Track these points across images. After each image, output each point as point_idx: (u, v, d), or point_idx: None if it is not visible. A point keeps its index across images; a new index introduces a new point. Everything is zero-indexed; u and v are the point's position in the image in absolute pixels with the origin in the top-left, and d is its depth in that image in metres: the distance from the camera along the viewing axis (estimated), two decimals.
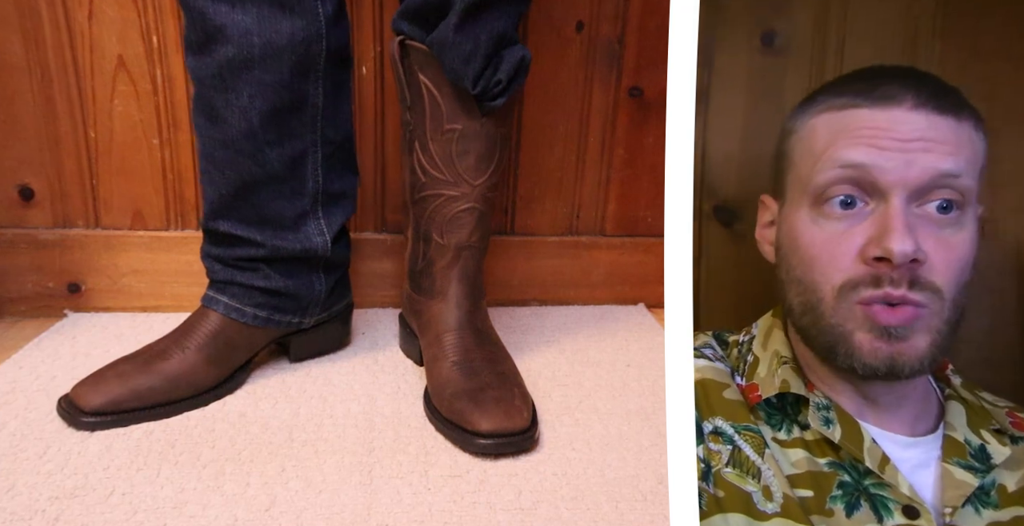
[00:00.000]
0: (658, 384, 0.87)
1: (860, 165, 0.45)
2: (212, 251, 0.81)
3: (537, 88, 1.02)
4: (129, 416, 0.71)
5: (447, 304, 0.82)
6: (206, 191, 0.79)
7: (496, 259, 1.09)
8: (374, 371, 0.87)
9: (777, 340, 0.51)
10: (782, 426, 0.48)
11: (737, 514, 0.44)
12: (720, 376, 0.49)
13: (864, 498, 0.46)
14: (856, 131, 0.45)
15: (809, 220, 0.47)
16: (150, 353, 0.76)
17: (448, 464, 0.69)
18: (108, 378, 0.73)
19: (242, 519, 0.59)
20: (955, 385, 0.52)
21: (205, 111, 0.74)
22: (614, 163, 1.08)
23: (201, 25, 0.69)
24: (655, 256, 1.13)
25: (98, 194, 0.97)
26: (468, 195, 0.80)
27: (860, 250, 0.45)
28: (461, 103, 0.76)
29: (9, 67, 0.90)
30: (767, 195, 0.52)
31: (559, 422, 0.78)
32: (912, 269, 0.44)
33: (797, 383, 0.48)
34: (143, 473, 0.65)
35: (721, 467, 0.46)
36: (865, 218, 0.45)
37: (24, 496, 0.61)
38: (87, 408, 0.70)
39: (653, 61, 1.03)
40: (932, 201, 0.45)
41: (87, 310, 0.99)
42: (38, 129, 0.93)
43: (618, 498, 0.65)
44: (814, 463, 0.46)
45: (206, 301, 0.81)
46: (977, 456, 0.48)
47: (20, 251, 0.96)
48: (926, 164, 0.44)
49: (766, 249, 0.52)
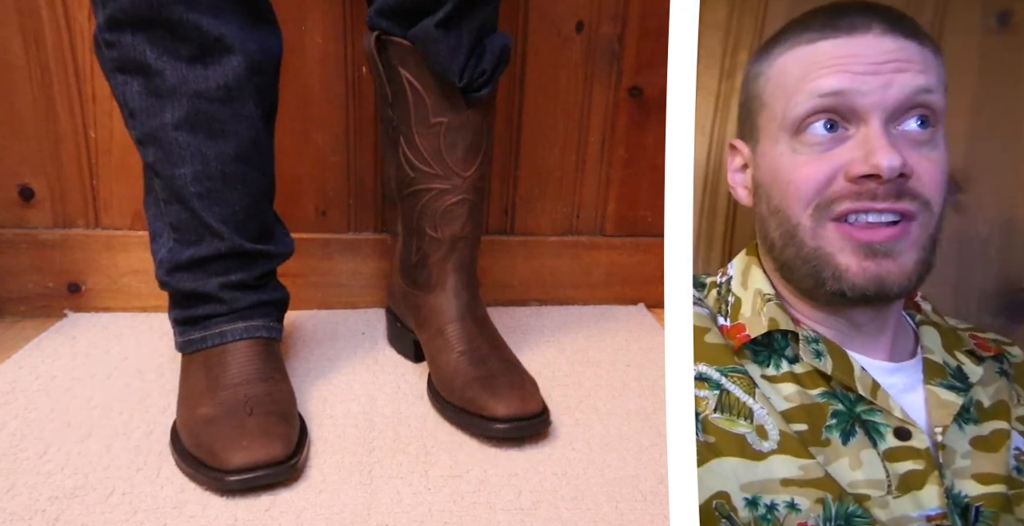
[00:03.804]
0: (658, 384, 0.87)
1: (838, 92, 0.45)
2: (233, 279, 0.75)
3: (537, 88, 1.02)
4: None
5: (446, 296, 0.83)
6: (206, 219, 0.72)
7: (496, 259, 1.09)
8: (374, 371, 0.87)
9: (757, 278, 0.51)
10: (770, 362, 0.48)
11: (732, 457, 0.44)
12: (700, 321, 0.49)
13: (858, 425, 0.46)
14: (829, 61, 0.46)
15: (789, 150, 0.47)
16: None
17: (448, 464, 0.69)
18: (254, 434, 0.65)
19: (242, 519, 0.59)
20: (926, 311, 0.53)
21: (203, 127, 0.70)
22: (614, 163, 1.08)
23: (197, 38, 0.66)
24: (655, 256, 1.13)
25: (98, 194, 0.97)
26: (459, 187, 0.80)
27: (843, 170, 0.45)
28: (445, 96, 0.76)
29: (9, 67, 0.90)
30: (736, 139, 0.52)
31: (559, 422, 0.77)
32: (899, 183, 0.45)
33: (785, 319, 0.48)
34: (143, 473, 0.65)
35: (709, 413, 0.46)
36: (845, 142, 0.46)
37: (24, 496, 0.61)
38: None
39: (653, 61, 1.03)
40: (908, 119, 0.46)
41: (87, 310, 0.99)
42: (38, 129, 0.93)
43: (618, 498, 0.65)
44: (806, 395, 0.47)
45: (240, 333, 0.74)
46: (956, 376, 0.49)
47: (20, 251, 0.96)
48: (902, 83, 0.45)
49: (740, 193, 0.52)
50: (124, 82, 0.68)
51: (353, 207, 1.03)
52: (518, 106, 1.03)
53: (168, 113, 0.68)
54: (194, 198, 0.71)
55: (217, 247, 0.73)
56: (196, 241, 0.73)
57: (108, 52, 0.67)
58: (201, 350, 0.74)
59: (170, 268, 0.74)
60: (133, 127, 0.71)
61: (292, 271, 0.99)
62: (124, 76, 0.68)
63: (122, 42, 0.66)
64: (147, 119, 0.69)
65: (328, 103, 0.98)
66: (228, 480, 0.61)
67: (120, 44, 0.66)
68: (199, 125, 0.69)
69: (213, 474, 0.62)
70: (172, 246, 0.74)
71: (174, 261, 0.74)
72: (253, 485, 0.62)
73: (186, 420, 0.68)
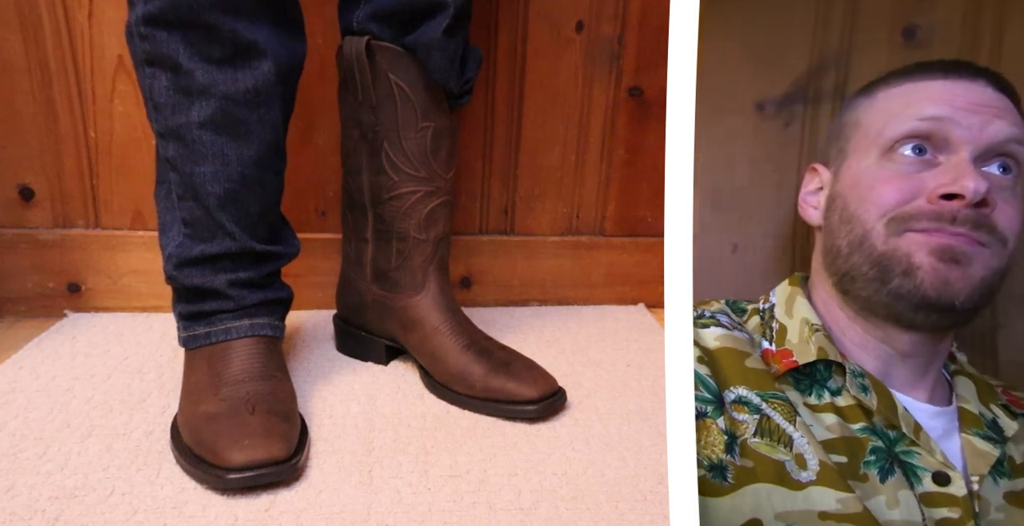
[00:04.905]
0: (658, 384, 0.87)
1: (939, 118, 0.47)
2: (241, 277, 0.75)
3: (537, 88, 1.02)
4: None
5: (433, 295, 0.84)
6: (220, 219, 0.72)
7: (496, 259, 1.09)
8: (374, 371, 0.87)
9: (803, 308, 0.51)
10: (812, 391, 0.48)
11: (770, 484, 0.44)
12: (740, 345, 0.49)
13: (896, 464, 0.46)
14: (935, 94, 0.48)
15: (876, 165, 0.48)
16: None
17: (448, 464, 0.69)
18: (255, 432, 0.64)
19: (242, 519, 0.59)
20: (961, 362, 0.53)
21: (228, 129, 0.70)
22: (614, 163, 1.08)
23: (231, 41, 0.67)
24: (655, 256, 1.13)
25: (98, 194, 0.97)
26: (442, 189, 0.83)
27: (927, 190, 0.46)
28: (432, 100, 0.78)
29: (9, 67, 0.90)
30: (818, 163, 0.53)
31: (559, 422, 0.77)
32: (979, 213, 0.45)
33: (832, 350, 0.48)
34: (143, 473, 0.65)
35: (748, 437, 0.45)
36: (933, 168, 0.47)
37: (24, 496, 0.61)
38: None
39: (653, 61, 1.03)
40: (993, 163, 0.47)
41: (87, 310, 0.99)
42: (38, 129, 0.93)
43: (618, 498, 0.65)
44: (846, 428, 0.46)
45: (245, 331, 0.75)
46: (992, 428, 0.49)
47: (20, 251, 0.96)
48: (998, 127, 0.47)
49: (809, 213, 0.53)
50: (152, 75, 0.68)
51: None
52: (518, 106, 1.03)
53: (195, 111, 0.69)
54: (211, 197, 0.71)
55: (228, 246, 0.74)
56: (208, 238, 0.73)
57: (140, 44, 0.67)
58: (205, 346, 0.74)
59: (179, 263, 0.74)
60: (156, 120, 0.71)
61: (293, 271, 0.99)
62: (153, 69, 0.68)
63: (156, 37, 0.66)
64: (172, 115, 0.69)
65: (328, 104, 0.98)
66: (229, 478, 0.61)
67: (154, 39, 0.66)
68: (224, 126, 0.70)
69: (214, 472, 0.62)
70: (182, 241, 0.74)
71: (184, 256, 0.74)
72: (254, 484, 0.62)
73: (188, 416, 0.68)
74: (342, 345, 0.93)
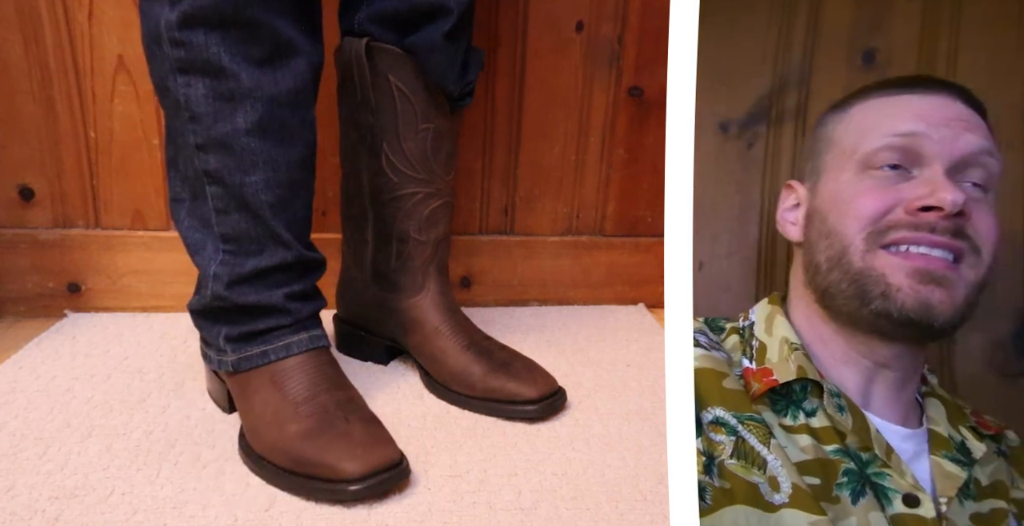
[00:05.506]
0: (658, 384, 0.87)
1: (912, 134, 0.47)
2: (296, 289, 0.71)
3: (537, 88, 1.02)
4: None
5: (433, 296, 0.84)
6: (275, 228, 0.69)
7: (496, 259, 1.09)
8: (374, 371, 0.87)
9: (782, 327, 0.51)
10: (787, 412, 0.48)
11: (746, 506, 0.44)
12: (718, 365, 0.49)
13: (868, 486, 0.46)
14: (908, 109, 0.49)
15: (855, 179, 0.49)
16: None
17: (448, 464, 0.69)
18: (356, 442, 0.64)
19: (242, 519, 0.59)
20: (932, 384, 0.54)
21: (275, 133, 0.66)
22: (614, 163, 1.08)
23: (271, 39, 0.64)
24: (655, 256, 1.13)
25: (98, 194, 0.97)
26: (442, 191, 0.83)
27: (905, 201, 0.47)
28: (433, 102, 0.78)
29: (9, 67, 0.90)
30: (793, 180, 0.54)
31: (559, 422, 0.78)
32: (957, 222, 0.46)
33: (812, 369, 0.49)
34: (143, 473, 0.65)
35: (725, 458, 0.45)
36: (909, 180, 0.48)
37: (24, 496, 0.61)
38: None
39: (653, 61, 1.03)
40: (966, 178, 0.48)
41: (87, 310, 0.99)
42: (38, 129, 0.93)
43: (618, 498, 0.65)
44: (820, 450, 0.47)
45: (305, 344, 0.71)
46: (960, 450, 0.49)
47: (20, 251, 0.96)
48: (969, 140, 0.47)
49: (789, 229, 0.53)
50: (187, 84, 0.64)
51: None
52: (518, 106, 1.03)
53: (240, 117, 0.65)
54: (266, 207, 0.67)
55: (283, 256, 0.70)
56: (257, 251, 0.69)
57: (173, 51, 0.63)
58: (262, 366, 0.69)
59: (231, 281, 0.68)
60: (194, 132, 0.65)
61: None
62: (187, 77, 0.63)
63: (193, 42, 0.62)
64: (214, 124, 0.65)
65: (327, 103, 0.97)
66: (352, 490, 0.60)
67: (190, 44, 0.62)
68: (271, 130, 0.66)
69: (333, 487, 0.61)
70: (224, 258, 0.69)
71: (235, 274, 0.68)
72: (377, 491, 0.61)
73: (276, 440, 0.64)
74: (342, 345, 0.93)
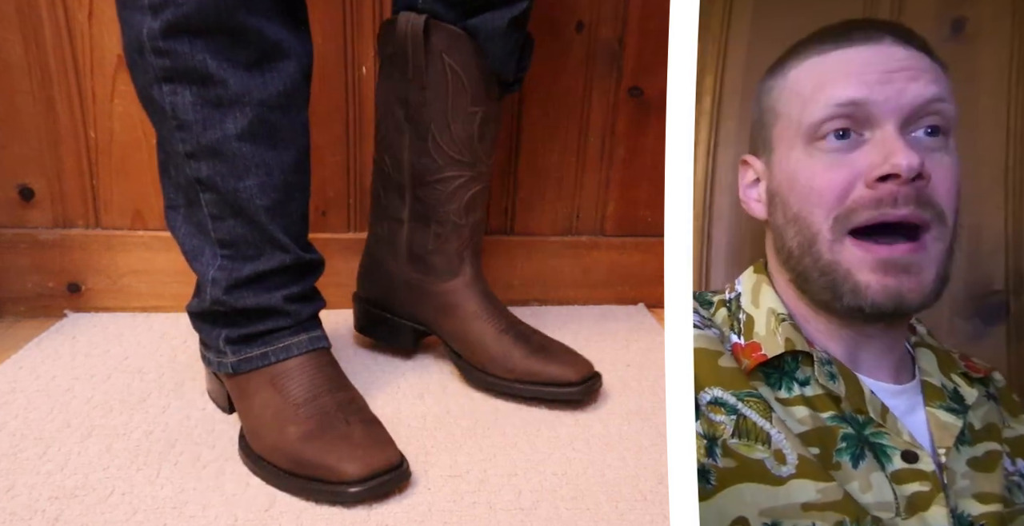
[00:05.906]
0: (658, 384, 0.87)
1: (854, 102, 0.46)
2: (295, 291, 0.72)
3: (537, 88, 1.02)
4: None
5: (470, 281, 0.84)
6: (272, 232, 0.69)
7: (496, 259, 1.09)
8: (374, 371, 0.87)
9: (769, 297, 0.51)
10: (781, 385, 0.48)
11: (751, 483, 0.44)
12: (711, 344, 0.49)
13: (867, 448, 0.46)
14: (843, 69, 0.47)
15: (805, 156, 0.48)
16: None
17: (448, 464, 0.69)
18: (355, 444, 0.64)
19: (242, 519, 0.59)
20: (921, 334, 0.53)
21: (266, 137, 0.66)
22: (614, 163, 1.08)
23: (257, 43, 0.64)
24: (655, 256, 1.13)
25: (98, 194, 0.97)
26: (483, 175, 0.82)
27: (863, 175, 0.46)
28: (485, 86, 0.77)
29: (9, 67, 0.90)
30: (748, 155, 0.53)
31: (559, 422, 0.78)
32: (918, 187, 0.45)
33: (800, 340, 0.48)
34: (143, 473, 0.65)
35: (727, 438, 0.45)
36: (861, 146, 0.46)
37: (24, 496, 0.61)
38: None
39: (653, 61, 1.03)
40: (920, 127, 0.46)
41: (87, 310, 0.99)
42: (38, 129, 0.93)
43: (618, 498, 0.65)
44: (817, 418, 0.46)
45: (305, 346, 0.71)
46: (954, 398, 0.49)
47: (20, 251, 0.96)
48: (915, 91, 0.46)
49: (753, 207, 0.52)
50: (173, 92, 0.63)
51: (353, 207, 1.03)
52: (518, 106, 1.03)
53: (230, 123, 0.65)
54: (261, 211, 0.68)
55: (281, 259, 0.70)
56: (255, 256, 0.69)
57: (157, 61, 0.62)
58: (262, 367, 0.70)
59: (229, 285, 0.69)
60: (183, 140, 0.65)
61: None
62: (173, 86, 0.63)
63: (178, 50, 0.61)
64: (204, 131, 0.64)
65: (327, 103, 0.98)
66: (352, 492, 0.60)
67: (175, 52, 0.61)
68: (262, 135, 0.66)
69: (333, 489, 0.61)
70: (222, 263, 0.69)
71: (233, 278, 0.69)
72: (377, 493, 0.62)
73: (276, 442, 0.65)
74: (365, 327, 0.92)
